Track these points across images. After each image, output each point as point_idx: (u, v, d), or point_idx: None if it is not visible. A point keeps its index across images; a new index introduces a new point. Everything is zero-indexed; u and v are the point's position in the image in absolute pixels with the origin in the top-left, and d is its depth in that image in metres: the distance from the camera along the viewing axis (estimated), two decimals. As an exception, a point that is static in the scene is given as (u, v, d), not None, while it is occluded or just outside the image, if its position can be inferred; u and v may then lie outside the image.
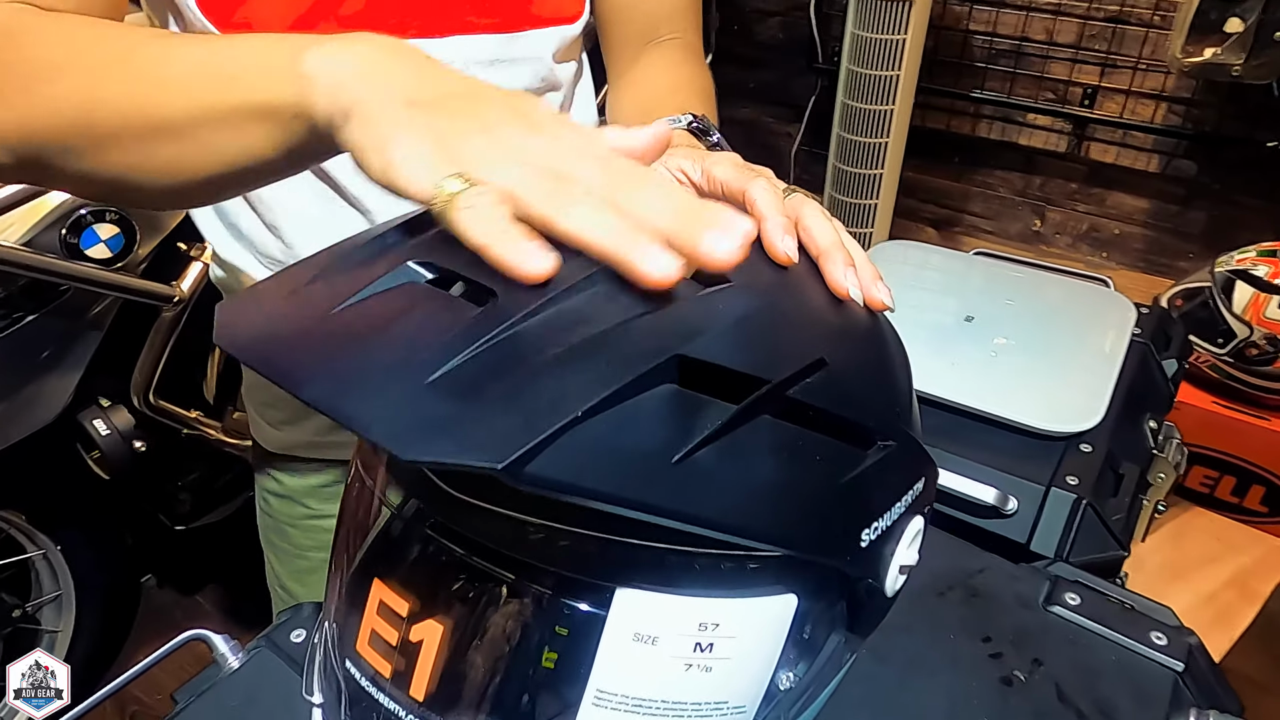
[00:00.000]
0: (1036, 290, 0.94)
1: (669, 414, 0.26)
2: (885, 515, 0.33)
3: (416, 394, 0.24)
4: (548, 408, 0.24)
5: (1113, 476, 0.74)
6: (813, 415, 0.30)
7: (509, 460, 0.22)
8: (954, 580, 0.57)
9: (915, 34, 1.64)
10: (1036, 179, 1.92)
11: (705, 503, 0.26)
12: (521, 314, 0.26)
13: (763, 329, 0.29)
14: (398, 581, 0.33)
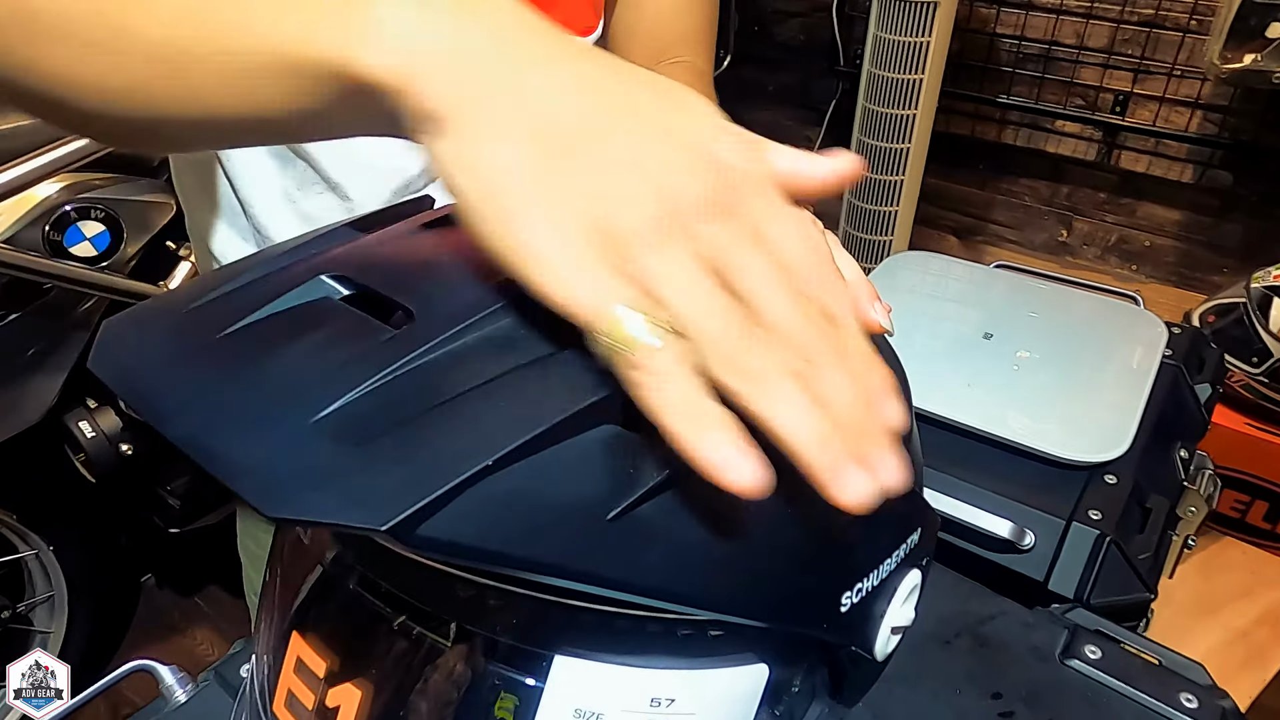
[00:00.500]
0: (1060, 306, 0.89)
1: (608, 460, 0.22)
2: (873, 574, 0.28)
3: (298, 435, 0.20)
4: (453, 455, 0.20)
5: (1139, 511, 0.68)
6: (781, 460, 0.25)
7: (395, 521, 0.18)
8: (962, 627, 0.52)
9: (940, 36, 1.59)
10: (1064, 188, 1.86)
11: (649, 567, 0.22)
12: (440, 338, 0.22)
13: None
14: (317, 638, 0.29)
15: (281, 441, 0.20)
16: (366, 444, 0.20)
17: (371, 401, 0.21)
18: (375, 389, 0.21)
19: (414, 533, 0.19)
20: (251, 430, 0.20)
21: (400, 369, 0.22)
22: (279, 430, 0.20)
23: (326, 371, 0.22)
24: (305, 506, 0.18)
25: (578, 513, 0.21)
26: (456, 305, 0.24)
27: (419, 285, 0.25)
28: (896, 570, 0.30)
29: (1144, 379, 0.77)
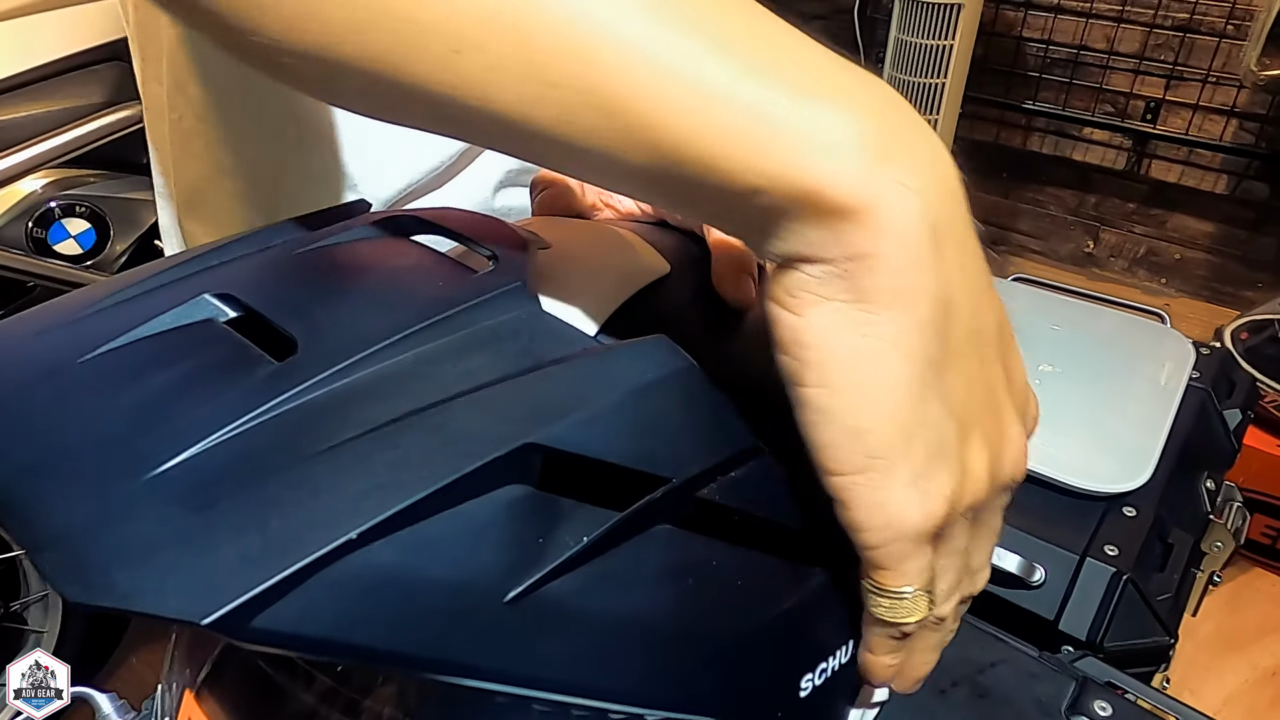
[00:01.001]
0: (1080, 323, 0.84)
1: (511, 528, 0.18)
2: (839, 651, 0.24)
3: (127, 496, 0.17)
4: (309, 525, 0.16)
5: (1160, 547, 0.64)
6: (737, 522, 0.22)
7: (218, 614, 0.15)
8: (960, 675, 0.48)
9: (963, 40, 1.54)
10: (1091, 197, 1.80)
11: (557, 658, 0.18)
12: (321, 377, 0.19)
13: (679, 404, 0.21)
14: (212, 700, 0.26)
15: (104, 504, 0.16)
16: (207, 509, 0.16)
17: (225, 454, 0.17)
18: (233, 438, 0.18)
19: (247, 626, 0.15)
20: (71, 487, 0.17)
21: (268, 413, 0.18)
22: (104, 489, 0.17)
23: (181, 414, 0.18)
24: (111, 590, 0.15)
25: (468, 594, 0.17)
26: (351, 335, 0.20)
27: (315, 310, 0.21)
28: (870, 639, 0.27)
29: (1168, 403, 0.72)
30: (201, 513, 0.16)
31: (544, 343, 0.21)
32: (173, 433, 0.18)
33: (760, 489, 0.22)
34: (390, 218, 0.26)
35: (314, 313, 0.21)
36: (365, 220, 0.26)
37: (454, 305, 0.21)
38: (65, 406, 0.19)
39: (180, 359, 0.20)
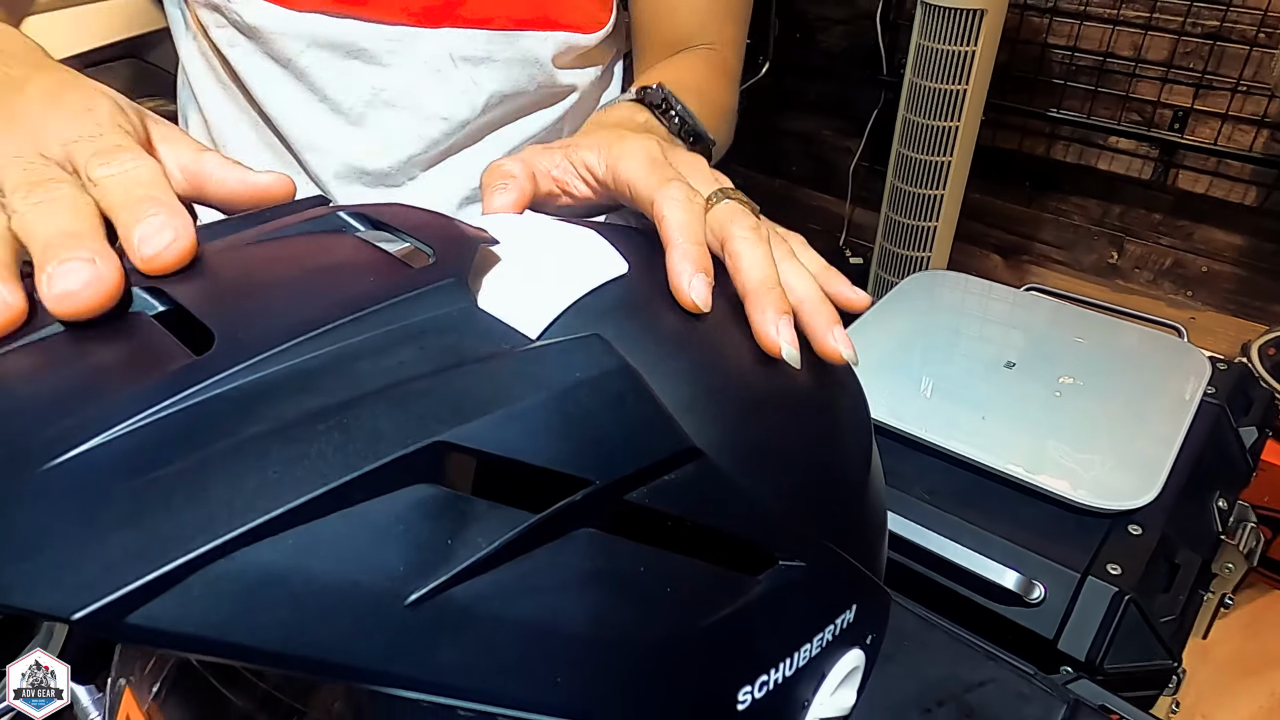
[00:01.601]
0: (1094, 336, 0.82)
1: (416, 528, 0.18)
2: (782, 664, 0.24)
3: (17, 488, 0.16)
4: (194, 522, 0.16)
5: (1166, 567, 0.62)
6: (669, 528, 0.21)
7: (88, 609, 0.14)
8: (947, 693, 0.47)
9: (986, 46, 1.52)
10: (1116, 207, 1.76)
11: (461, 664, 0.18)
12: (235, 368, 0.19)
13: (607, 404, 0.21)
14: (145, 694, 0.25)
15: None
16: (94, 505, 0.16)
17: (123, 449, 0.17)
18: (133, 432, 0.17)
19: (120, 623, 0.15)
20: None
21: (172, 408, 0.18)
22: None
23: (86, 407, 0.18)
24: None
25: (365, 595, 0.17)
26: (273, 329, 0.20)
27: (237, 305, 0.21)
28: (824, 653, 0.26)
29: (1180, 419, 0.70)
30: (89, 509, 0.16)
31: (473, 340, 0.21)
32: (73, 426, 0.17)
33: (696, 493, 0.21)
34: (335, 213, 0.26)
35: (239, 306, 0.21)
36: (310, 215, 0.26)
37: (383, 300, 0.21)
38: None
39: (99, 352, 0.20)
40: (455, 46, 0.56)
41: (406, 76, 0.56)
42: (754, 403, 0.25)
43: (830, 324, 0.30)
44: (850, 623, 0.26)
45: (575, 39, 0.60)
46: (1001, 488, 0.66)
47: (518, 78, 0.59)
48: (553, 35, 0.58)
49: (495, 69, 0.58)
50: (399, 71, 0.56)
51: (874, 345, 0.80)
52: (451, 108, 0.57)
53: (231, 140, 0.60)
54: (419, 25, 0.55)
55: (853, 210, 2.10)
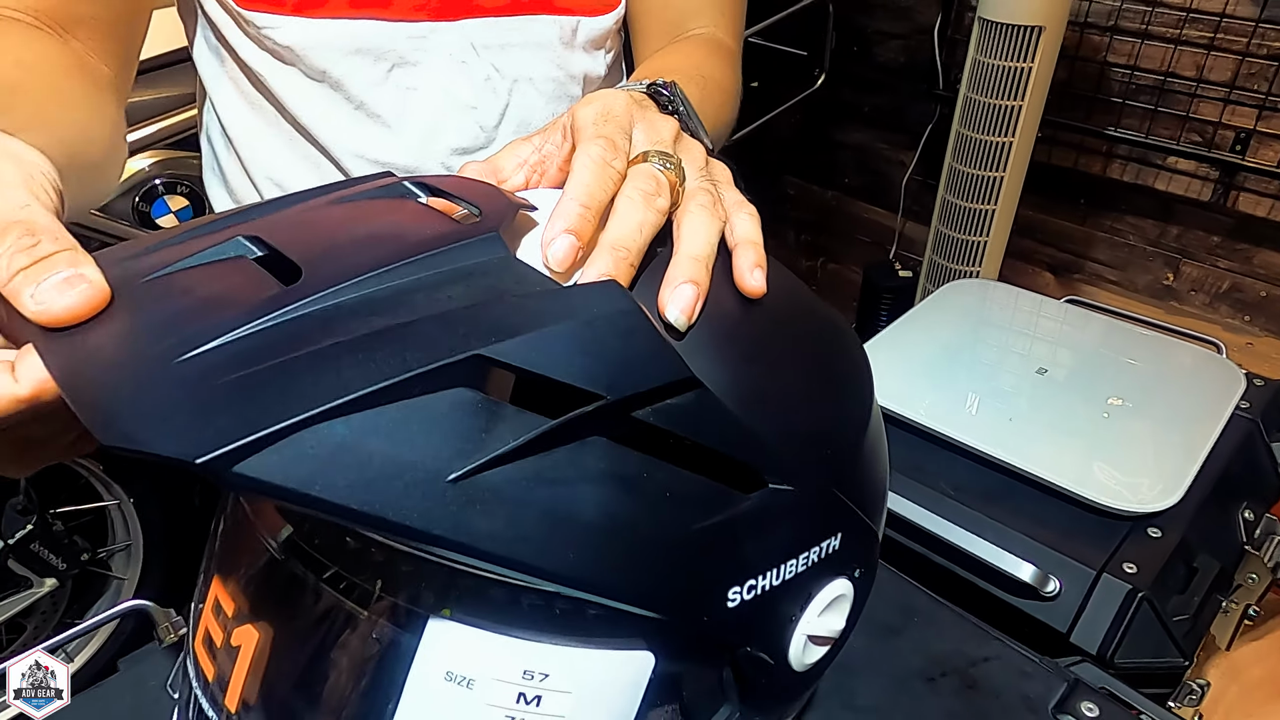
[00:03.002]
0: (1128, 347, 0.83)
1: (454, 422, 0.22)
2: (769, 573, 0.27)
3: (156, 375, 0.21)
4: (285, 400, 0.20)
5: (1184, 569, 0.63)
6: (672, 444, 0.25)
7: (208, 456, 0.19)
8: (950, 666, 0.49)
9: (1043, 63, 1.52)
10: (1173, 228, 1.74)
11: (491, 532, 0.22)
12: (317, 295, 0.23)
13: (619, 336, 0.24)
14: (230, 580, 0.30)
15: (139, 380, 0.21)
16: (215, 385, 0.20)
17: (235, 348, 0.21)
18: (243, 337, 0.22)
19: (229, 470, 0.19)
20: (116, 365, 0.21)
21: (274, 320, 0.22)
22: (141, 369, 0.21)
23: (207, 318, 0.22)
24: (131, 436, 0.19)
25: (416, 470, 0.21)
26: (344, 268, 0.24)
27: (320, 249, 0.25)
28: (810, 575, 0.29)
29: (1208, 430, 0.71)
30: (211, 387, 0.20)
31: (510, 281, 0.25)
32: (196, 334, 0.22)
33: (694, 417, 0.25)
34: (400, 182, 0.30)
35: (319, 250, 0.25)
36: (379, 184, 0.30)
37: (436, 247, 0.25)
38: (124, 314, 0.23)
39: (213, 283, 0.24)
40: (474, 36, 0.60)
41: (434, 70, 0.59)
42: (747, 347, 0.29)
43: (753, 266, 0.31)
44: (835, 550, 0.30)
45: (586, 21, 0.63)
46: (1024, 487, 0.68)
47: (535, 61, 0.62)
48: (562, 19, 0.62)
49: (513, 54, 0.61)
50: (426, 67, 0.59)
51: (907, 347, 0.83)
52: (478, 96, 0.61)
53: (262, 156, 0.63)
54: (438, 19, 0.58)
55: (904, 223, 2.11)
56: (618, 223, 0.29)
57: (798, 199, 2.32)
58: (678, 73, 0.50)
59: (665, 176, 0.31)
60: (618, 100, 0.34)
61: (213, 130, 0.66)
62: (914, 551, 0.66)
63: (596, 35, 0.64)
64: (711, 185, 0.33)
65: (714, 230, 0.31)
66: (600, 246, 0.28)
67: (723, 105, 0.57)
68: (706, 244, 0.30)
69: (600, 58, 0.66)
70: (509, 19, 0.60)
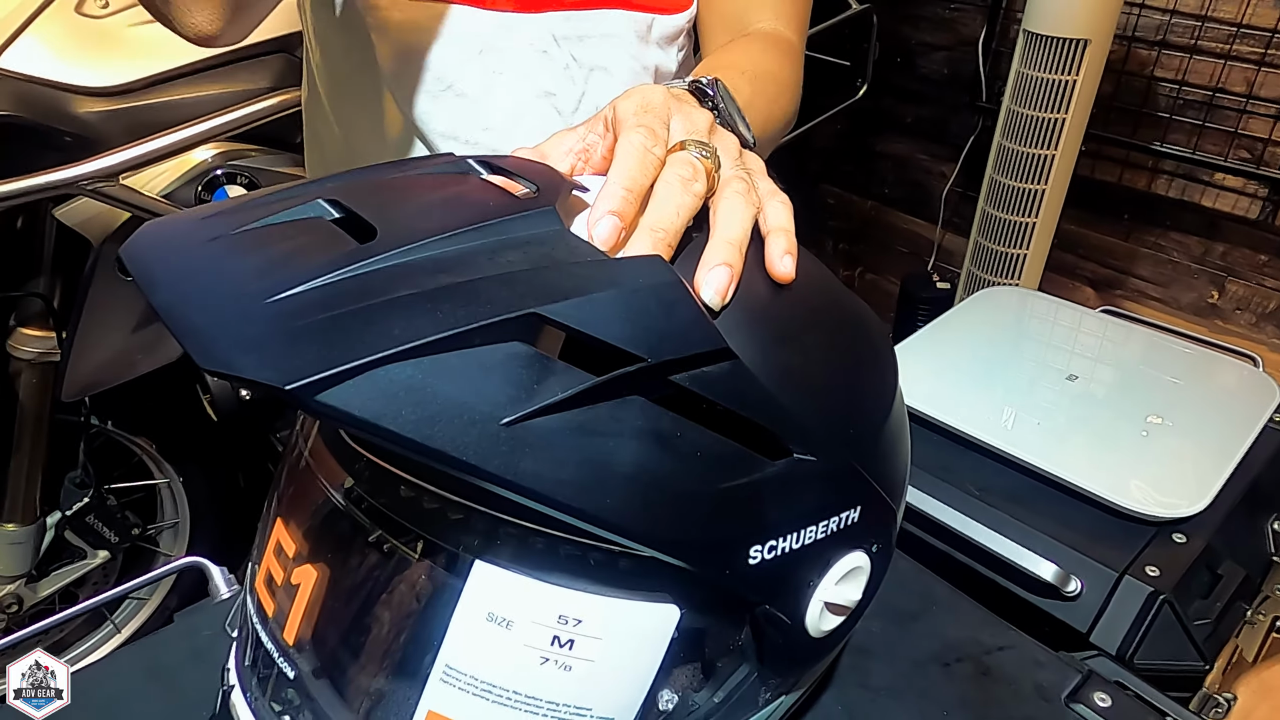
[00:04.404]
0: (1161, 357, 0.83)
1: (508, 372, 0.24)
2: (789, 536, 0.29)
3: (249, 311, 0.24)
4: (363, 340, 0.23)
5: (1207, 575, 0.63)
6: (705, 409, 0.27)
7: (296, 384, 0.21)
8: (966, 652, 0.50)
9: (1089, 76, 1.51)
10: (1219, 246, 1.71)
11: (536, 473, 0.24)
12: (390, 252, 0.26)
13: (661, 305, 0.27)
14: (293, 523, 0.33)
15: (235, 314, 0.24)
16: (301, 324, 0.23)
17: (317, 295, 0.24)
18: (324, 285, 0.24)
19: (313, 398, 0.22)
20: (214, 302, 0.24)
21: (351, 272, 0.25)
22: (236, 306, 0.24)
23: (292, 266, 0.25)
24: (229, 363, 0.22)
25: (473, 411, 0.23)
26: (415, 230, 0.27)
27: (393, 213, 0.28)
28: (829, 543, 0.31)
29: (1239, 440, 0.71)
30: (298, 326, 0.23)
31: (563, 251, 0.27)
32: (284, 279, 0.25)
33: (726, 385, 0.27)
34: (464, 159, 0.33)
35: (392, 214, 0.28)
36: (445, 160, 0.33)
37: (495, 217, 0.27)
38: (217, 259, 0.26)
39: (297, 237, 0.27)
40: (555, 28, 0.63)
41: (517, 57, 0.63)
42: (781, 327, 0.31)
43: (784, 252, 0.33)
44: (854, 522, 0.31)
45: (661, 19, 0.66)
46: (1050, 490, 0.69)
47: (611, 53, 0.65)
48: (638, 15, 0.65)
49: (591, 45, 0.65)
50: (511, 54, 0.63)
51: (939, 350, 0.84)
52: (556, 83, 0.64)
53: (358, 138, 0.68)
54: (522, 11, 0.62)
55: (943, 235, 2.10)
56: (657, 206, 0.31)
57: (837, 208, 2.32)
58: (729, 69, 0.52)
59: (702, 164, 0.33)
60: (656, 93, 0.37)
61: (315, 114, 0.70)
62: (939, 549, 0.67)
63: (670, 31, 0.67)
64: (746, 174, 0.35)
65: (748, 216, 0.33)
66: (641, 228, 0.30)
67: (776, 97, 0.59)
68: (740, 229, 0.32)
69: (673, 53, 0.69)
70: (588, 12, 0.64)
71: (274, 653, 0.32)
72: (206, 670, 0.46)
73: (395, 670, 0.30)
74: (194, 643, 0.50)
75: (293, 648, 0.32)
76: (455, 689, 0.29)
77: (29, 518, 1.19)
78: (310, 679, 0.32)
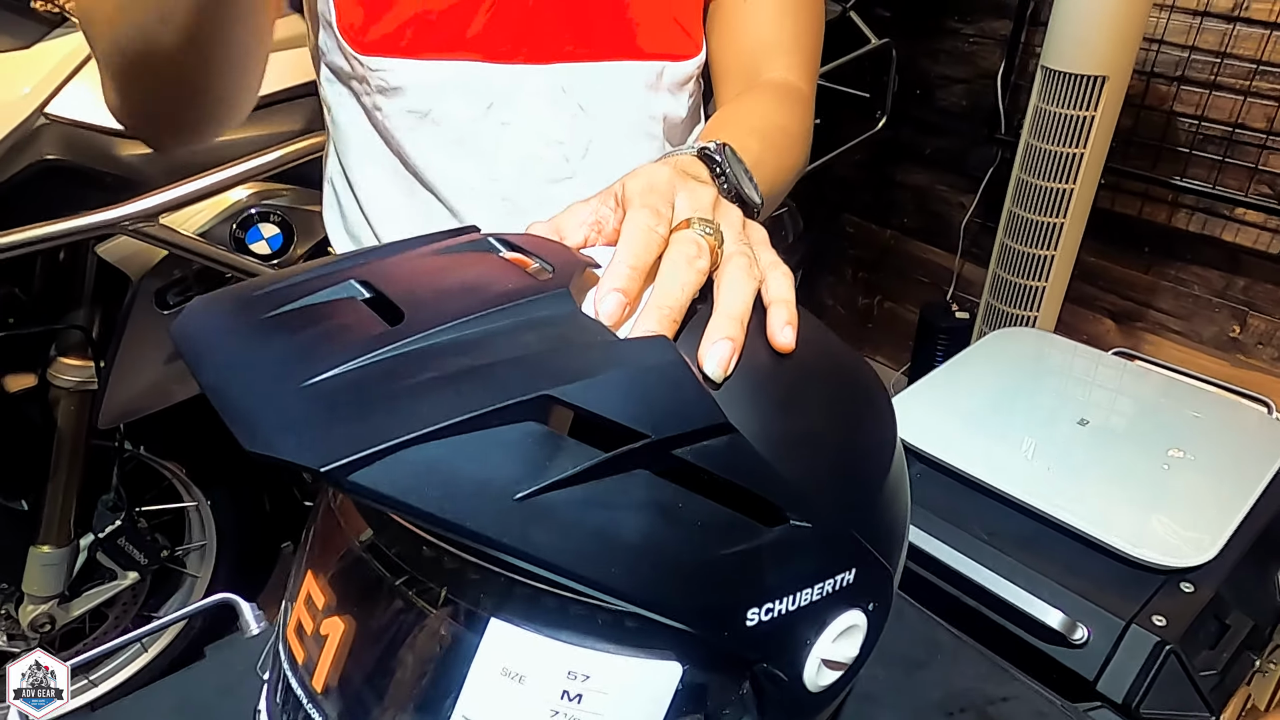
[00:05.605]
0: (1174, 402, 0.84)
1: (522, 451, 0.26)
2: (785, 598, 0.31)
3: (288, 394, 0.26)
4: (391, 423, 0.25)
5: (1215, 625, 0.64)
6: (706, 480, 0.29)
7: (330, 466, 0.24)
8: (969, 702, 0.52)
9: (1107, 111, 1.52)
10: (1240, 280, 1.71)
11: (548, 544, 0.26)
12: (417, 336, 0.28)
13: (664, 384, 0.29)
14: (323, 575, 0.35)
15: (275, 397, 0.26)
16: (335, 407, 0.25)
17: (350, 378, 0.26)
18: (356, 369, 0.27)
19: (346, 478, 0.24)
20: (256, 385, 0.26)
21: (380, 356, 0.27)
22: (275, 388, 0.26)
23: (327, 350, 0.27)
24: (270, 445, 0.24)
25: (490, 488, 0.25)
26: (440, 313, 0.29)
27: (420, 293, 0.30)
28: (825, 604, 0.32)
29: (1250, 489, 0.72)
30: (331, 409, 0.25)
31: (575, 332, 0.30)
32: (319, 362, 0.27)
33: (726, 458, 0.29)
34: (485, 238, 0.35)
35: (418, 296, 0.30)
36: (467, 239, 0.35)
37: (514, 299, 0.30)
38: (257, 341, 0.29)
39: (331, 318, 0.30)
40: (564, 79, 0.65)
41: (526, 108, 0.65)
42: (778, 399, 0.33)
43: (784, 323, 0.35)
44: (849, 584, 0.33)
45: (671, 66, 0.68)
46: (1059, 535, 0.70)
47: (618, 102, 0.67)
48: (649, 64, 0.67)
49: (599, 95, 0.67)
50: (520, 105, 0.65)
51: (951, 393, 0.85)
52: (564, 132, 0.66)
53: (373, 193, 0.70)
54: (531, 63, 0.64)
55: (962, 265, 2.11)
56: (662, 284, 0.33)
57: (857, 237, 2.34)
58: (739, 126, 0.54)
59: (705, 241, 0.35)
60: (661, 173, 0.39)
61: (333, 172, 0.73)
62: (946, 593, 0.68)
63: (680, 78, 0.69)
64: (749, 248, 0.38)
65: (750, 290, 0.35)
66: (648, 307, 0.32)
67: (787, 150, 0.61)
68: (742, 303, 0.34)
69: (683, 99, 0.71)
70: (598, 64, 0.66)
71: (303, 698, 0.34)
72: (236, 705, 0.48)
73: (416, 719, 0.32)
74: (224, 678, 0.52)
75: (321, 694, 0.34)
76: (470, 741, 0.31)
77: (64, 539, 1.22)
78: (336, 725, 0.34)
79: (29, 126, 0.92)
